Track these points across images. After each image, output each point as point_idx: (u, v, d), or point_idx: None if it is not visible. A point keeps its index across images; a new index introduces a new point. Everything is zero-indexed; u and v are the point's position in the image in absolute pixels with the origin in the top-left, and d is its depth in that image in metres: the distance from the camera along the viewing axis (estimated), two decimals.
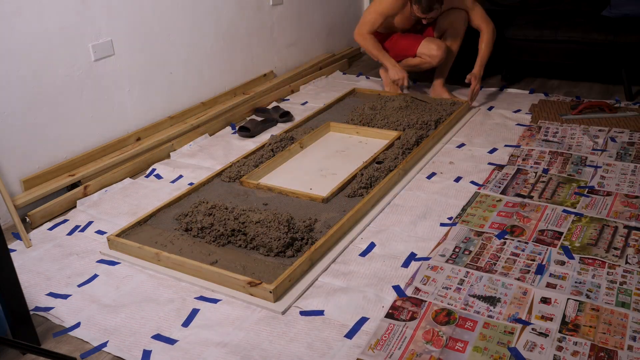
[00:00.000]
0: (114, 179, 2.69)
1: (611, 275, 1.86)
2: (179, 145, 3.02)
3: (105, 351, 1.68)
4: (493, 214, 2.25)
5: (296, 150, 2.84)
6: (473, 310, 1.74)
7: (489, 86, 3.79)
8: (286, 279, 1.85)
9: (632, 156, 2.66)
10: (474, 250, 2.03)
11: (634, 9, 3.50)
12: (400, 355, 1.58)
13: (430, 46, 3.38)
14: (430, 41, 3.40)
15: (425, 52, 3.40)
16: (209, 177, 2.57)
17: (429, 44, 3.39)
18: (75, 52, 2.58)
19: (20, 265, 2.09)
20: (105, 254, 2.13)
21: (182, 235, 2.14)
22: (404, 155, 2.65)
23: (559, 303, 1.75)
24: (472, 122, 3.19)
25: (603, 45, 3.40)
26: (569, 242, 2.05)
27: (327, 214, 2.25)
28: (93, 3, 2.62)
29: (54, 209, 2.43)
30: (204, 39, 3.29)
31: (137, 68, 2.91)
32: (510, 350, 1.58)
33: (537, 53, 3.64)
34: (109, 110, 2.80)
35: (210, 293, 1.89)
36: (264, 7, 3.73)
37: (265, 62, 3.85)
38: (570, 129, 3.01)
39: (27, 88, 2.41)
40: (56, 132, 2.57)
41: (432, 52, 3.37)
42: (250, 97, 3.55)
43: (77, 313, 1.83)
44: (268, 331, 1.71)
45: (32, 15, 2.38)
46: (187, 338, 1.70)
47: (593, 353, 1.56)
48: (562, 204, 2.30)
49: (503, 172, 2.59)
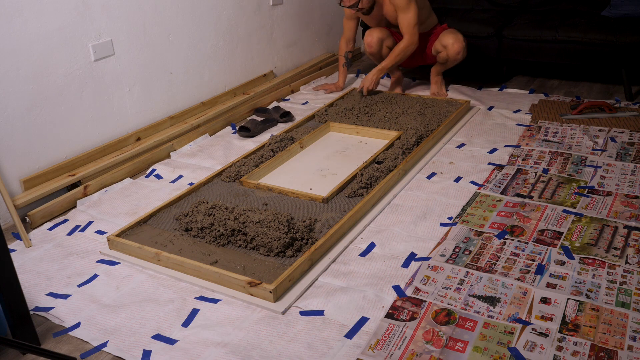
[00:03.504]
0: (114, 179, 2.69)
1: (611, 275, 1.86)
2: (179, 145, 3.02)
3: (105, 351, 1.68)
4: (493, 214, 2.25)
5: (296, 150, 2.84)
6: (473, 310, 1.74)
7: (489, 86, 3.79)
8: (286, 279, 1.85)
9: (632, 156, 2.66)
10: (474, 250, 2.03)
11: (634, 9, 3.50)
12: (400, 355, 1.58)
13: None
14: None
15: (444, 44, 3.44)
16: (209, 177, 2.57)
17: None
18: (75, 52, 2.58)
19: (20, 265, 2.09)
20: (105, 254, 2.13)
21: (182, 235, 2.14)
22: (404, 155, 2.65)
23: (559, 303, 1.75)
24: (472, 122, 3.19)
25: (603, 45, 3.40)
26: (569, 242, 2.05)
27: (327, 214, 2.25)
28: (93, 3, 2.62)
29: (54, 209, 2.43)
30: (204, 39, 3.29)
31: (137, 68, 2.91)
32: (510, 350, 1.58)
33: (536, 53, 3.64)
34: (109, 110, 2.80)
35: (210, 293, 1.89)
36: (264, 7, 3.73)
37: (265, 62, 3.85)
38: (570, 129, 3.01)
39: (27, 88, 2.41)
40: (56, 132, 2.57)
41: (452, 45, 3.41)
42: (250, 97, 3.55)
43: (77, 313, 1.83)
44: (268, 331, 1.71)
45: (32, 15, 2.38)
46: (187, 338, 1.70)
47: (593, 353, 1.56)
48: (562, 204, 2.30)
49: (503, 172, 2.59)
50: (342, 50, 3.75)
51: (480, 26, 3.74)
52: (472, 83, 3.85)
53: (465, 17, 3.90)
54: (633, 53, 3.33)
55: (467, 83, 3.85)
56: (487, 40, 3.74)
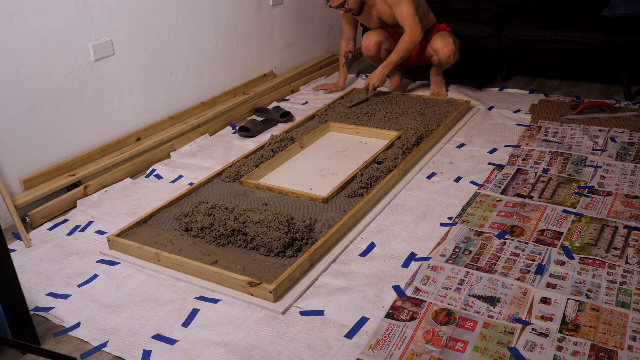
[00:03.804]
0: (114, 179, 2.69)
1: (611, 275, 1.86)
2: (179, 145, 3.02)
3: (105, 351, 1.68)
4: (493, 214, 2.25)
5: (296, 150, 2.84)
6: (473, 310, 1.74)
7: (489, 86, 3.79)
8: (286, 279, 1.85)
9: (632, 156, 2.66)
10: (474, 250, 2.03)
11: (634, 9, 3.50)
12: (400, 355, 1.58)
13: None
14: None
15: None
16: (209, 177, 2.57)
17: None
18: (75, 52, 2.58)
19: (20, 265, 2.09)
20: (105, 254, 2.13)
21: (182, 235, 2.14)
22: (404, 155, 2.65)
23: (559, 303, 1.75)
24: (472, 122, 3.19)
25: (602, 45, 3.40)
26: (569, 242, 2.05)
27: (327, 214, 2.25)
28: (93, 3, 2.62)
29: (54, 209, 2.43)
30: (204, 39, 3.29)
31: (137, 68, 2.91)
32: (510, 350, 1.58)
33: (536, 53, 3.64)
34: (109, 110, 2.80)
35: (210, 293, 1.89)
36: (264, 7, 3.73)
37: (265, 62, 3.85)
38: (570, 129, 3.01)
39: (27, 88, 2.41)
40: (56, 132, 2.57)
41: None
42: (250, 97, 3.55)
43: (77, 313, 1.83)
44: (268, 331, 1.71)
45: (32, 15, 2.38)
46: (187, 338, 1.70)
47: (593, 353, 1.56)
48: (562, 204, 2.30)
49: (503, 172, 2.59)
50: (342, 50, 3.73)
51: (480, 26, 3.74)
52: (472, 83, 3.85)
53: (465, 17, 3.90)
54: (633, 53, 3.33)
55: (467, 83, 3.85)
56: (487, 40, 3.74)
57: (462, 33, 3.76)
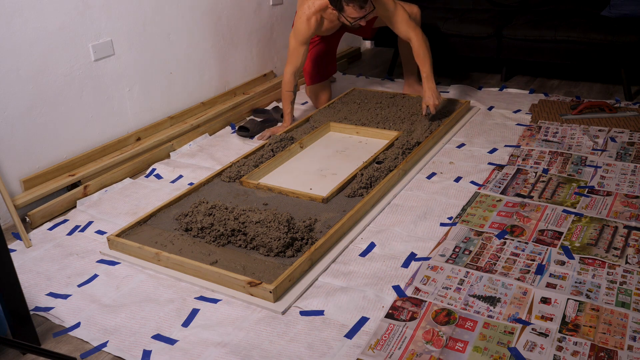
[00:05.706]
0: (114, 179, 2.69)
1: (611, 275, 1.86)
2: (179, 145, 3.02)
3: (105, 351, 1.68)
4: (493, 214, 2.25)
5: (296, 150, 2.84)
6: (473, 310, 1.74)
7: (489, 86, 3.79)
8: (286, 279, 1.85)
9: (632, 156, 2.66)
10: (474, 250, 2.03)
11: (634, 9, 3.50)
12: (400, 355, 1.58)
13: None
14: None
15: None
16: (209, 177, 2.57)
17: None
18: (75, 52, 2.58)
19: (20, 265, 2.09)
20: (105, 254, 2.13)
21: (182, 235, 2.14)
22: (404, 155, 2.65)
23: (559, 303, 1.75)
24: (472, 122, 3.19)
25: (602, 45, 3.40)
26: (569, 242, 2.05)
27: (327, 214, 2.25)
28: (93, 3, 2.62)
29: (54, 209, 2.43)
30: (204, 39, 3.29)
31: (137, 68, 2.91)
32: (510, 350, 1.58)
33: (536, 53, 3.64)
34: (109, 110, 2.80)
35: (210, 293, 1.89)
36: (264, 7, 3.73)
37: (265, 62, 3.85)
38: (570, 129, 3.01)
39: (27, 88, 2.41)
40: (56, 132, 2.57)
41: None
42: (250, 97, 3.55)
43: (77, 313, 1.83)
44: (268, 331, 1.71)
45: (32, 15, 2.37)
46: (187, 338, 1.70)
47: (593, 353, 1.56)
48: (562, 204, 2.30)
49: (503, 172, 2.59)
50: (289, 84, 3.06)
51: (480, 26, 3.74)
52: (472, 83, 3.85)
53: (465, 17, 3.90)
54: (632, 53, 3.33)
55: (467, 83, 3.85)
56: (487, 40, 3.74)
57: (462, 33, 3.76)
